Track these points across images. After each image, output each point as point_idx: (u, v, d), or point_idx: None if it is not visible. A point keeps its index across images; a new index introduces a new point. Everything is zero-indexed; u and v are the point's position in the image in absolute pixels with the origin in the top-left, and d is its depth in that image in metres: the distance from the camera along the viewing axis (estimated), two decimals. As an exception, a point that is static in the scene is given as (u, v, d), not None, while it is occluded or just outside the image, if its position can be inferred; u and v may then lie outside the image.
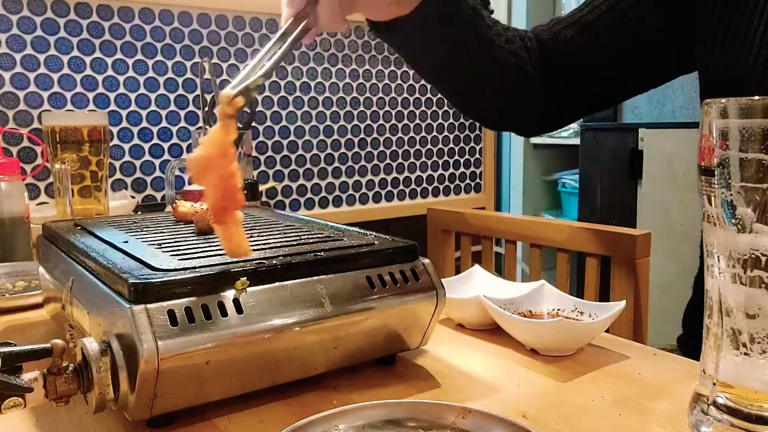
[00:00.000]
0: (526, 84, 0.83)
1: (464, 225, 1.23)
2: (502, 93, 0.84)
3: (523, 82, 0.82)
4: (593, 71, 0.84)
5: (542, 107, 0.87)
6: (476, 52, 0.78)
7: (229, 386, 0.50)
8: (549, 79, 0.84)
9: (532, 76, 0.82)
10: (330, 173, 1.83)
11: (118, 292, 0.48)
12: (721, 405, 0.45)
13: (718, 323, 0.45)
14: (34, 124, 1.41)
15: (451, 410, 0.45)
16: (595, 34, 0.81)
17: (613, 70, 0.83)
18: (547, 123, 0.91)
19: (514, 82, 0.82)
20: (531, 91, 0.84)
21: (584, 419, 0.50)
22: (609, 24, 0.81)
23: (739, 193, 0.41)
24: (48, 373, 0.44)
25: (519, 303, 0.71)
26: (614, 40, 0.81)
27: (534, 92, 0.84)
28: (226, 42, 1.62)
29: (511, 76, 0.82)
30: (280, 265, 0.53)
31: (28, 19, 1.39)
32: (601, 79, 0.84)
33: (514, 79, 0.82)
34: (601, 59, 0.82)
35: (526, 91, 0.84)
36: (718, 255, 0.44)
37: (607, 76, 0.84)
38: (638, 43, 0.81)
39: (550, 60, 0.83)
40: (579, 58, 0.83)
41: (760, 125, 0.40)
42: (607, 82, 0.85)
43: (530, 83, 0.83)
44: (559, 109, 0.88)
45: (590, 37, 0.81)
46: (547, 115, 0.89)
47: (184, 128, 1.59)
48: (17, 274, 0.89)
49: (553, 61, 0.83)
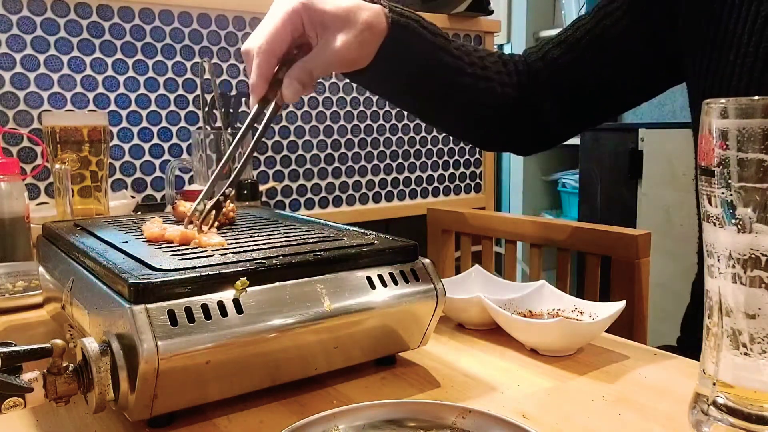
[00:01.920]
0: (507, 106, 0.84)
1: (464, 225, 1.23)
2: (483, 118, 0.86)
3: (505, 104, 0.84)
4: (581, 88, 0.85)
5: (534, 127, 0.88)
6: (444, 83, 0.78)
7: (229, 386, 0.50)
8: (539, 99, 0.85)
9: (512, 97, 0.84)
10: (330, 173, 1.83)
11: (118, 292, 0.48)
12: (721, 405, 0.45)
13: (718, 323, 0.45)
14: (34, 124, 1.41)
15: (451, 410, 0.45)
16: (580, 52, 0.83)
17: (600, 86, 0.85)
18: (542, 141, 0.92)
19: (494, 105, 0.83)
20: (516, 112, 0.85)
21: (584, 419, 0.50)
22: (592, 41, 0.83)
23: (739, 193, 0.41)
24: (48, 373, 0.44)
25: (519, 303, 0.71)
26: (598, 57, 0.83)
27: (520, 113, 0.85)
28: (226, 42, 1.62)
29: (489, 101, 0.83)
30: (280, 265, 0.52)
31: (28, 19, 1.39)
32: (590, 95, 0.86)
33: (494, 103, 0.83)
34: (587, 76, 0.84)
35: (511, 112, 0.85)
36: (718, 255, 0.44)
37: (595, 92, 0.85)
38: (621, 58, 0.83)
39: (540, 80, 0.85)
40: (566, 75, 0.84)
41: (760, 125, 0.40)
42: (595, 98, 0.86)
43: (513, 105, 0.84)
44: (554, 127, 0.89)
45: (575, 55, 0.83)
46: (541, 133, 0.90)
47: (184, 128, 1.59)
48: (17, 274, 0.89)
49: (543, 81, 0.85)
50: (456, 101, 0.82)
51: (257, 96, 0.63)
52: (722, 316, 0.44)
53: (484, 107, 0.84)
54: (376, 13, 0.68)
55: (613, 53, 0.83)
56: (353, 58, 0.68)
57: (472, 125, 0.88)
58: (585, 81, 0.84)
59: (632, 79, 0.85)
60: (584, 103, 0.86)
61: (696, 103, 0.77)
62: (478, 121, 0.87)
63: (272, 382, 0.52)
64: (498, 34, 2.16)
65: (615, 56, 0.83)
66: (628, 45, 0.82)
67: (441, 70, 0.77)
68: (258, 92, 0.63)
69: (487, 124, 0.87)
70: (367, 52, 0.68)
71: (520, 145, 0.93)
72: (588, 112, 0.88)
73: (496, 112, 0.85)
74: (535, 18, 3.01)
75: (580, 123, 0.90)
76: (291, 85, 0.63)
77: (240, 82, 1.65)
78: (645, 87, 0.86)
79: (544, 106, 0.85)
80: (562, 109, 0.86)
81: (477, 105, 0.83)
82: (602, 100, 0.87)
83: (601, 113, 0.89)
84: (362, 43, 0.67)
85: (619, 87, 0.85)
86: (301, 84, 0.63)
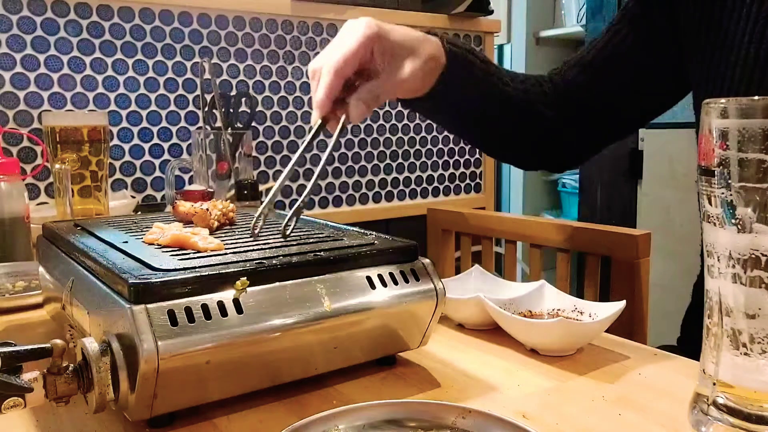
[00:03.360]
0: (547, 126, 0.88)
1: (464, 225, 1.23)
2: (528, 138, 0.90)
3: (545, 125, 0.88)
4: (597, 107, 0.88)
5: (568, 145, 0.92)
6: (495, 108, 0.84)
7: (229, 386, 0.50)
8: (565, 119, 0.89)
9: (550, 117, 0.88)
10: (330, 173, 1.83)
11: (118, 292, 0.48)
12: (721, 405, 0.45)
13: (718, 323, 0.45)
14: (34, 124, 1.41)
15: (451, 410, 0.45)
16: (592, 73, 0.87)
17: (616, 103, 0.88)
18: (573, 158, 0.97)
19: (536, 126, 0.88)
20: (554, 131, 0.89)
21: (584, 419, 0.50)
22: (604, 61, 0.87)
23: (739, 193, 0.41)
24: (48, 373, 0.44)
25: (519, 303, 0.71)
26: (611, 75, 0.87)
27: (556, 132, 0.89)
28: (226, 42, 1.62)
29: (532, 122, 0.87)
30: (280, 265, 0.53)
31: (28, 19, 1.39)
32: (608, 112, 0.89)
33: (536, 124, 0.88)
34: (601, 95, 0.88)
35: (550, 132, 0.89)
36: (718, 255, 0.44)
37: (609, 110, 0.89)
38: (632, 73, 0.86)
39: (563, 100, 0.89)
40: (583, 95, 0.88)
41: (760, 125, 0.40)
42: (610, 116, 0.89)
43: (551, 125, 0.88)
44: (581, 145, 0.93)
45: (589, 76, 0.88)
46: (572, 151, 0.94)
47: (184, 128, 1.59)
48: (17, 274, 0.89)
49: (565, 102, 0.88)
50: (505, 124, 0.87)
51: (321, 113, 0.66)
52: (722, 316, 0.44)
53: (528, 129, 0.88)
54: (438, 46, 0.73)
55: (624, 70, 0.86)
56: (417, 87, 0.73)
57: (519, 147, 0.93)
58: (601, 99, 0.88)
59: (645, 93, 0.87)
60: (604, 120, 0.90)
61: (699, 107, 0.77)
62: (523, 143, 0.92)
63: (272, 382, 0.52)
64: (498, 34, 2.16)
65: (626, 72, 0.86)
66: (637, 59, 0.85)
67: (492, 96, 0.82)
68: (323, 110, 0.65)
69: (530, 145, 0.92)
70: (428, 82, 0.73)
71: (555, 162, 0.97)
72: (608, 128, 0.91)
73: (537, 134, 0.89)
74: (535, 18, 3.00)
75: (604, 139, 0.93)
76: (358, 106, 0.66)
77: (240, 82, 1.65)
78: (658, 99, 0.89)
79: (573, 125, 0.89)
80: (586, 127, 0.90)
81: (522, 127, 0.88)
82: (620, 117, 0.90)
83: (621, 129, 0.92)
84: (426, 72, 0.72)
85: (634, 102, 0.88)
86: (366, 106, 0.66)
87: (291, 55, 1.72)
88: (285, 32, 1.70)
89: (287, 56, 1.72)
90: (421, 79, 0.72)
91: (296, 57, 1.73)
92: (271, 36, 1.69)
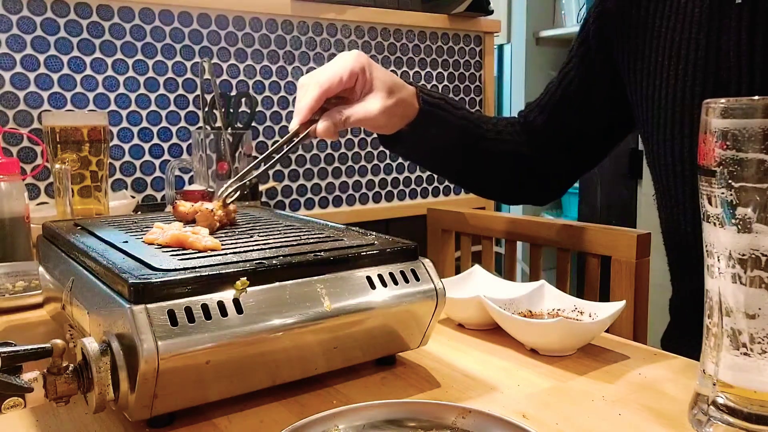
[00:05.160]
0: (522, 164, 0.95)
1: (464, 225, 1.23)
2: (506, 176, 0.98)
3: (520, 162, 0.95)
4: (561, 145, 0.95)
5: (544, 179, 0.99)
6: (473, 149, 0.92)
7: (229, 386, 0.50)
8: (538, 156, 0.95)
9: (524, 154, 0.95)
10: (330, 173, 1.83)
11: (118, 292, 0.48)
12: (721, 405, 0.45)
13: (718, 323, 0.45)
14: (34, 124, 1.41)
15: (451, 410, 0.45)
16: (549, 114, 0.94)
17: (574, 141, 0.95)
18: (554, 191, 1.02)
19: (512, 164, 0.96)
20: (529, 168, 0.96)
21: (584, 419, 0.50)
22: (557, 103, 0.94)
23: (739, 193, 0.41)
24: (48, 373, 0.44)
25: (519, 303, 0.71)
26: (564, 116, 0.94)
27: (531, 168, 0.96)
28: (226, 42, 1.62)
29: (509, 161, 0.95)
30: (280, 265, 0.53)
31: (28, 19, 1.39)
32: (570, 149, 0.96)
33: (512, 162, 0.95)
34: (559, 134, 0.94)
35: (526, 169, 0.96)
36: (718, 255, 0.44)
37: (571, 146, 0.95)
38: (583, 111, 0.92)
39: (531, 140, 0.96)
40: (545, 135, 0.95)
41: (760, 125, 0.40)
42: (575, 151, 0.96)
43: (526, 162, 0.95)
44: (557, 178, 1.00)
45: (546, 117, 0.95)
46: (552, 184, 1.00)
47: (184, 128, 1.59)
48: (17, 274, 0.89)
49: (533, 141, 0.95)
50: (483, 164, 0.94)
51: (300, 119, 0.73)
52: (722, 316, 0.44)
53: (505, 168, 0.96)
54: (412, 95, 0.82)
55: (575, 109, 0.93)
56: (382, 123, 0.79)
57: (499, 184, 1.01)
58: (560, 138, 0.95)
59: (600, 128, 0.94)
60: (570, 155, 0.96)
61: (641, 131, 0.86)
62: (502, 180, 0.99)
63: (272, 382, 0.52)
64: (498, 34, 2.16)
65: (577, 112, 0.92)
66: (584, 99, 0.91)
67: (468, 137, 0.90)
68: (302, 117, 0.73)
69: (509, 182, 0.99)
70: (393, 123, 0.81)
71: (536, 196, 1.03)
72: (577, 161, 0.98)
73: (515, 171, 0.97)
74: (535, 18, 3.00)
75: (577, 170, 1.00)
76: (325, 123, 0.73)
77: (240, 82, 1.65)
78: (614, 131, 0.95)
79: (545, 161, 0.96)
80: (557, 162, 0.97)
81: (500, 166, 0.95)
82: (583, 150, 0.97)
83: (590, 159, 0.98)
84: (393, 114, 0.79)
85: (592, 136, 0.95)
86: (333, 124, 0.73)
87: (291, 55, 1.72)
88: (285, 32, 1.70)
89: (287, 56, 1.72)
90: (388, 117, 0.78)
91: (296, 57, 1.73)
92: (271, 36, 1.69)
